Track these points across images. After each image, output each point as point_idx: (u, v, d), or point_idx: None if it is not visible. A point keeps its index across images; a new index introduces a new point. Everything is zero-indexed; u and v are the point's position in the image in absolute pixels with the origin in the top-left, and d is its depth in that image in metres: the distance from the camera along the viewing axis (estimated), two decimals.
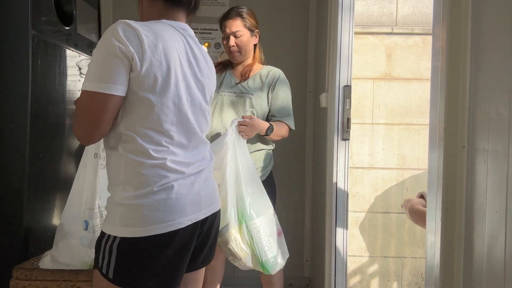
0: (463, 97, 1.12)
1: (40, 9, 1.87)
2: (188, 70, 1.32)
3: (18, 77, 1.79)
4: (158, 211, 1.24)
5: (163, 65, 1.23)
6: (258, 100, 2.21)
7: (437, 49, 1.21)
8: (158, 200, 1.24)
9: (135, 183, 1.24)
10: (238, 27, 2.18)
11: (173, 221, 1.25)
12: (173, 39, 1.29)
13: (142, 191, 1.23)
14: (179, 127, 1.30)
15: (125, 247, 1.23)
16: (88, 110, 1.21)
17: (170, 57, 1.25)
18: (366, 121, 2.65)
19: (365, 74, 2.65)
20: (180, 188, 1.28)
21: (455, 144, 1.14)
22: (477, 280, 1.04)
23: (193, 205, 1.31)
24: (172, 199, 1.26)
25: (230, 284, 2.83)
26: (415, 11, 2.66)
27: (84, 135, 1.25)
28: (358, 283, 2.67)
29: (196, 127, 1.36)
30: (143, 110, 1.23)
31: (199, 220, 1.33)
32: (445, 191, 1.15)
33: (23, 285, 1.67)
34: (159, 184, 1.24)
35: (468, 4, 1.11)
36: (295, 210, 3.04)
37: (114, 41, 1.17)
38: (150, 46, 1.20)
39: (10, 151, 1.79)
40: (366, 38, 2.65)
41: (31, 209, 1.84)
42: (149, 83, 1.21)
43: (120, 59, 1.17)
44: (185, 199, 1.29)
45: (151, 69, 1.21)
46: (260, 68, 2.29)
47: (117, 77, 1.18)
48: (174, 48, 1.27)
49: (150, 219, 1.23)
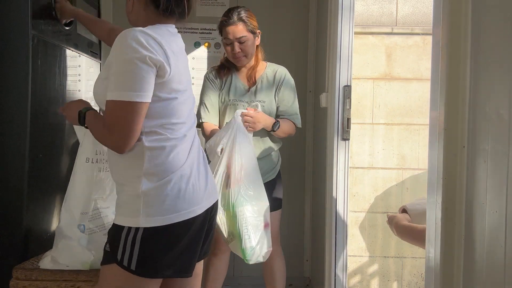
0: (463, 97, 1.12)
1: (40, 9, 1.87)
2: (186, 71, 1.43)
3: (18, 77, 1.79)
4: (179, 199, 1.31)
5: (180, 67, 1.35)
6: (269, 105, 2.22)
7: (437, 49, 1.21)
8: (179, 188, 1.32)
9: (158, 172, 1.30)
10: (242, 32, 2.13)
11: (191, 208, 1.33)
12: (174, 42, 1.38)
13: (164, 179, 1.30)
14: (188, 118, 1.40)
15: (149, 238, 1.28)
16: (123, 120, 1.26)
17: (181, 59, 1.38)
18: (366, 121, 2.65)
19: (365, 74, 2.65)
20: (194, 176, 1.37)
21: (455, 144, 1.14)
22: (477, 280, 1.04)
23: (206, 192, 1.40)
24: (189, 187, 1.34)
25: (230, 284, 2.83)
26: (415, 11, 2.66)
27: (120, 145, 1.28)
28: (358, 283, 2.67)
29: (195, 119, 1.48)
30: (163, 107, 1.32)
31: (208, 208, 1.41)
32: (445, 191, 1.15)
33: (23, 285, 1.67)
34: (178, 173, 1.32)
35: (468, 4, 1.11)
36: (295, 210, 3.04)
37: (139, 49, 1.23)
38: (171, 53, 1.30)
39: (10, 151, 1.79)
40: (366, 38, 2.65)
41: (31, 209, 1.84)
42: (174, 86, 1.32)
43: (150, 67, 1.24)
44: (200, 187, 1.38)
45: (177, 73, 1.32)
46: (264, 66, 2.28)
47: (146, 84, 1.25)
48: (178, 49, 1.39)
49: (172, 208, 1.29)
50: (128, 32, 1.25)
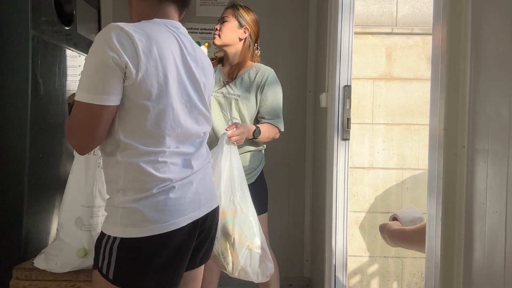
0: (463, 97, 1.12)
1: (40, 9, 1.87)
2: (183, 71, 1.30)
3: (18, 77, 1.79)
4: (158, 211, 1.24)
5: (159, 70, 1.21)
6: (245, 102, 2.17)
7: (437, 49, 1.21)
8: (158, 201, 1.25)
9: (136, 187, 1.24)
10: (227, 14, 2.21)
11: (173, 220, 1.25)
12: (167, 40, 1.26)
13: (142, 194, 1.24)
14: (178, 131, 1.29)
15: (126, 248, 1.23)
16: (83, 122, 1.20)
17: (166, 61, 1.23)
18: (366, 121, 2.65)
19: (365, 74, 2.65)
20: (179, 188, 1.29)
21: (455, 144, 1.14)
22: (477, 280, 1.04)
23: (193, 203, 1.32)
24: (172, 199, 1.26)
25: (230, 284, 2.83)
26: (415, 11, 2.66)
27: (80, 146, 1.24)
28: (358, 283, 2.67)
29: (195, 128, 1.35)
30: (141, 116, 1.22)
31: (199, 218, 1.34)
32: (445, 191, 1.15)
33: (23, 285, 1.67)
34: (159, 186, 1.25)
35: (468, 4, 1.11)
36: (295, 210, 3.04)
37: (107, 51, 1.14)
38: (145, 52, 1.18)
39: (10, 151, 1.79)
40: (366, 38, 2.65)
41: (31, 209, 1.84)
42: (146, 90, 1.19)
43: (113, 69, 1.15)
44: (184, 198, 1.29)
45: (147, 76, 1.18)
46: (249, 66, 2.24)
47: (111, 88, 1.16)
48: (170, 50, 1.25)
49: (151, 219, 1.23)
50: (106, 28, 1.19)
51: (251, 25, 2.22)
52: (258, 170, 2.24)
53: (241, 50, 2.22)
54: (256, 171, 2.23)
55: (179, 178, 1.29)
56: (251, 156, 2.21)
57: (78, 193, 1.67)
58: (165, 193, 1.26)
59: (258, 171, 2.24)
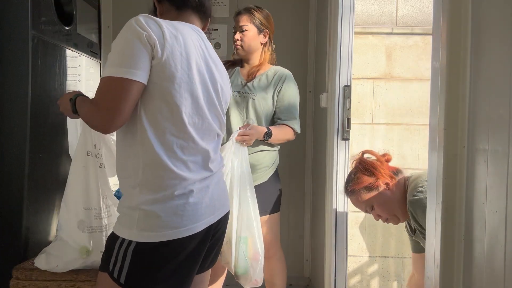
0: (463, 97, 1.12)
1: (40, 9, 1.87)
2: (205, 68, 1.31)
3: (18, 77, 1.79)
4: (176, 216, 1.23)
5: (183, 56, 1.23)
6: (261, 101, 2.18)
7: (437, 49, 1.21)
8: (177, 205, 1.23)
9: (155, 186, 1.22)
10: (244, 21, 2.19)
11: (190, 225, 1.24)
12: (191, 35, 1.29)
13: (161, 194, 1.22)
14: (200, 121, 1.29)
15: (141, 252, 1.20)
16: (112, 96, 1.18)
17: (190, 51, 1.25)
18: (366, 121, 2.65)
19: (365, 74, 2.65)
20: (198, 192, 1.27)
21: (455, 144, 1.14)
22: (477, 280, 1.04)
23: (208, 208, 1.30)
24: (190, 203, 1.25)
25: (230, 284, 2.83)
26: (415, 11, 2.66)
27: (107, 122, 1.19)
28: (358, 283, 2.67)
29: (214, 126, 1.34)
30: (164, 101, 1.21)
31: (213, 223, 1.32)
32: (445, 191, 1.15)
33: (23, 285, 1.67)
34: (179, 187, 1.23)
35: (468, 4, 1.11)
36: (295, 210, 3.04)
37: (137, 28, 1.18)
38: (171, 36, 1.21)
39: (10, 151, 1.79)
40: (366, 38, 2.65)
41: (31, 209, 1.84)
42: (170, 72, 1.20)
43: (143, 45, 1.17)
44: (202, 203, 1.28)
45: (172, 57, 1.20)
46: (268, 68, 2.27)
47: (140, 63, 1.17)
48: (192, 44, 1.27)
49: (168, 224, 1.21)
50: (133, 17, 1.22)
51: (269, 27, 2.24)
52: (272, 169, 2.25)
53: (262, 53, 2.26)
54: (269, 170, 2.24)
55: (197, 179, 1.27)
56: (264, 155, 2.22)
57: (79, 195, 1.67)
58: (185, 197, 1.24)
59: (271, 170, 2.25)
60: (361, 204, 1.81)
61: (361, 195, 1.78)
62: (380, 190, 1.76)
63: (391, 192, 1.76)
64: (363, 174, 1.78)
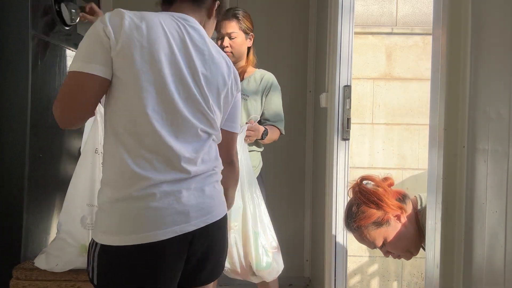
0: (463, 97, 1.12)
1: (40, 9, 1.87)
2: (181, 58, 1.20)
3: (18, 77, 1.79)
4: (135, 220, 1.14)
5: (144, 47, 1.14)
6: (253, 102, 2.24)
7: (437, 49, 1.21)
8: (136, 208, 1.15)
9: (113, 184, 1.17)
10: (233, 28, 2.18)
11: (149, 232, 1.14)
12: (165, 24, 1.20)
13: (120, 194, 1.15)
14: (169, 118, 1.18)
15: (103, 255, 1.16)
16: (66, 90, 1.16)
17: (156, 41, 1.16)
18: (366, 121, 2.65)
19: (365, 74, 2.65)
20: (163, 196, 1.16)
21: (455, 144, 1.14)
22: (477, 280, 1.04)
23: (180, 215, 1.18)
24: (151, 208, 1.15)
25: (229, 284, 2.83)
26: (415, 11, 2.66)
27: (58, 116, 1.17)
28: (358, 283, 2.67)
29: (193, 122, 1.22)
30: (124, 95, 1.15)
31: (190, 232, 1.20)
32: (445, 191, 1.15)
33: (23, 285, 1.67)
34: (139, 187, 1.15)
35: (468, 4, 1.11)
36: (295, 210, 3.05)
37: (98, 22, 1.15)
38: (131, 26, 1.15)
39: (10, 151, 1.79)
40: (366, 38, 2.65)
41: (31, 209, 1.84)
42: (126, 63, 1.13)
43: (100, 37, 1.13)
44: (168, 209, 1.17)
45: (128, 47, 1.13)
46: (253, 71, 2.30)
47: (95, 56, 1.13)
48: (163, 33, 1.18)
49: (127, 228, 1.14)
50: None
51: (252, 29, 2.25)
52: (258, 169, 2.30)
53: (248, 56, 2.28)
54: (256, 170, 2.28)
55: (164, 180, 1.17)
56: (253, 155, 2.26)
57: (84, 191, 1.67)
58: (145, 200, 1.15)
59: (258, 170, 2.30)
60: (368, 241, 1.60)
61: (369, 231, 1.56)
62: (392, 225, 1.55)
63: (404, 226, 1.55)
64: (368, 207, 1.56)
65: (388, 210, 1.54)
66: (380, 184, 1.61)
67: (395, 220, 1.55)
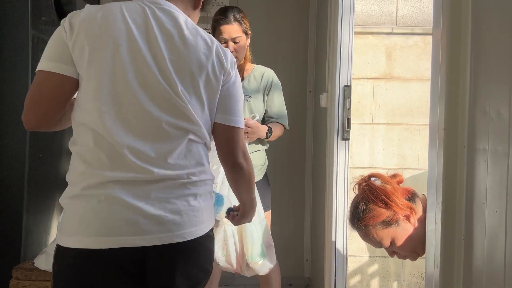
0: (463, 97, 1.12)
1: (40, 9, 1.87)
2: (142, 43, 1.10)
3: (18, 77, 1.79)
4: (76, 220, 1.05)
5: (95, 35, 1.06)
6: (256, 102, 2.22)
7: (437, 49, 1.21)
8: (79, 206, 1.06)
9: (69, 180, 1.11)
10: (237, 32, 2.13)
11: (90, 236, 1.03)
12: (126, 11, 1.11)
13: (71, 191, 1.09)
14: (119, 110, 1.07)
15: (56, 255, 1.09)
16: (30, 90, 1.11)
17: (110, 27, 1.08)
18: (366, 121, 2.65)
19: (365, 74, 2.65)
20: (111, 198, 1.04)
21: (455, 144, 1.14)
22: (477, 280, 1.04)
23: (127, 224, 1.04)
24: (95, 209, 1.04)
25: (230, 284, 2.83)
26: (415, 11, 2.66)
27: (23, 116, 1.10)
28: (358, 283, 2.67)
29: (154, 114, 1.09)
30: (81, 88, 1.08)
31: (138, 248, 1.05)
32: (445, 191, 1.15)
33: (23, 285, 1.67)
34: (86, 184, 1.06)
35: (468, 4, 1.11)
36: (295, 210, 3.04)
37: (63, 20, 1.11)
38: (86, 17, 1.08)
39: (10, 151, 1.79)
40: (366, 38, 2.65)
41: (31, 209, 1.84)
42: (78, 55, 1.06)
43: (61, 34, 1.08)
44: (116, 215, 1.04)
45: (78, 39, 1.06)
46: (252, 67, 2.28)
47: (52, 54, 1.08)
48: (123, 18, 1.10)
49: (69, 228, 1.06)
50: None
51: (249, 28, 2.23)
52: (264, 167, 2.31)
53: (246, 54, 2.25)
54: (263, 168, 2.30)
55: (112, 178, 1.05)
56: (258, 155, 2.27)
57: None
58: (89, 200, 1.05)
59: (264, 168, 2.31)
60: (375, 241, 1.53)
61: (376, 231, 1.49)
62: (401, 225, 1.48)
63: (413, 227, 1.49)
64: (376, 206, 1.49)
65: (397, 210, 1.47)
66: (389, 181, 1.53)
67: (404, 220, 1.48)
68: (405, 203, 1.50)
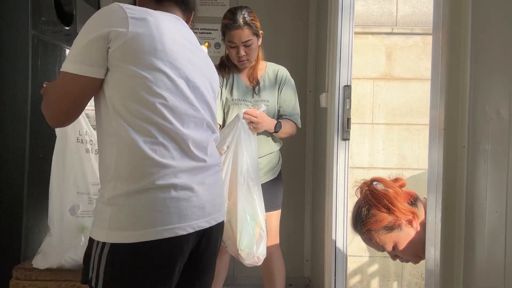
0: (463, 97, 1.12)
1: (40, 9, 1.87)
2: (186, 51, 1.20)
3: (18, 77, 1.79)
4: (154, 211, 1.07)
5: (154, 36, 1.10)
6: (272, 104, 2.22)
7: (437, 49, 1.21)
8: (155, 198, 1.07)
9: (129, 174, 1.08)
10: (247, 36, 2.08)
11: (174, 224, 1.08)
12: (167, 18, 1.18)
13: (137, 186, 1.07)
14: (177, 104, 1.13)
15: (115, 256, 1.07)
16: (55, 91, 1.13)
17: (165, 32, 1.13)
18: (366, 121, 2.65)
19: (365, 74, 2.65)
20: (184, 186, 1.11)
21: (455, 144, 1.14)
22: (477, 280, 1.04)
23: (197, 209, 1.13)
24: (173, 198, 1.08)
25: (230, 284, 2.83)
26: (415, 11, 2.66)
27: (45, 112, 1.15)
28: (358, 283, 2.67)
29: (202, 114, 1.20)
30: (135, 84, 1.09)
31: (201, 230, 1.15)
32: (445, 191, 1.15)
33: (23, 285, 1.67)
34: (159, 176, 1.08)
35: (468, 5, 1.11)
36: (295, 210, 3.04)
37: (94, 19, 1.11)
38: (137, 18, 1.10)
39: (10, 151, 1.79)
40: (366, 38, 2.65)
41: (31, 209, 1.84)
42: (137, 53, 1.08)
43: (96, 37, 1.07)
44: (189, 201, 1.11)
45: (138, 37, 1.08)
46: (264, 66, 2.27)
47: (84, 56, 1.08)
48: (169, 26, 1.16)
49: (145, 222, 1.06)
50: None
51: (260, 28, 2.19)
52: (279, 166, 2.33)
53: (258, 53, 2.22)
54: (278, 166, 2.32)
55: (182, 168, 1.11)
56: (274, 155, 2.29)
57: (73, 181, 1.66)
58: (166, 189, 1.08)
59: (279, 167, 2.33)
60: (378, 245, 1.56)
61: (379, 236, 1.51)
62: (403, 230, 1.50)
63: (415, 231, 1.50)
64: (379, 211, 1.50)
65: (400, 215, 1.49)
66: (391, 186, 1.55)
67: (406, 225, 1.50)
68: (408, 208, 1.51)
